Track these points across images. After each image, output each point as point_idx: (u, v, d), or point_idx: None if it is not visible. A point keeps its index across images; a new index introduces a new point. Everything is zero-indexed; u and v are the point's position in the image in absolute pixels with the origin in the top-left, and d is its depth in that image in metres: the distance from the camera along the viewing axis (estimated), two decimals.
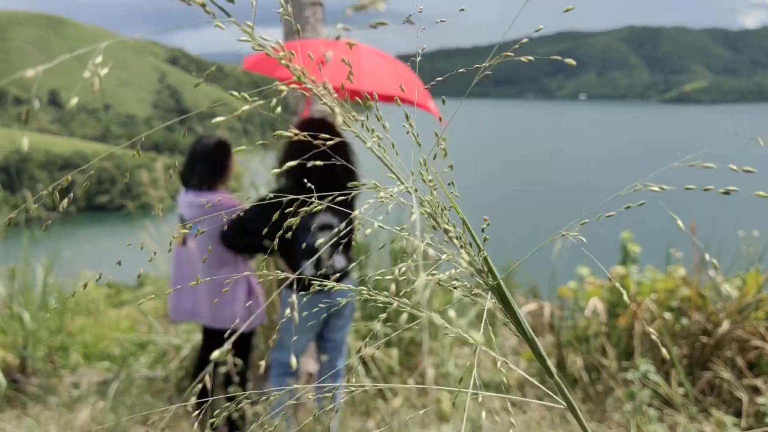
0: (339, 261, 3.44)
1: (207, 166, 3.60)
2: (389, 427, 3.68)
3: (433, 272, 0.80)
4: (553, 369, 0.79)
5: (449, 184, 0.79)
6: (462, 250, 0.77)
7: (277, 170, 0.76)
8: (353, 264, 0.81)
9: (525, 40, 0.77)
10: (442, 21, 0.80)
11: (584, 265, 4.87)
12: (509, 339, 4.89)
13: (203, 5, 0.67)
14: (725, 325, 3.80)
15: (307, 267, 3.39)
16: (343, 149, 3.26)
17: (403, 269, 0.72)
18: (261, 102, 0.71)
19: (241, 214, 2.95)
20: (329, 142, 0.78)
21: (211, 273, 3.53)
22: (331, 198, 0.77)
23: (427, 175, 0.78)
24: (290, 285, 3.48)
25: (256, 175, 5.37)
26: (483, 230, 0.81)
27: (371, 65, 3.33)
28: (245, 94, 0.72)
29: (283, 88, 0.72)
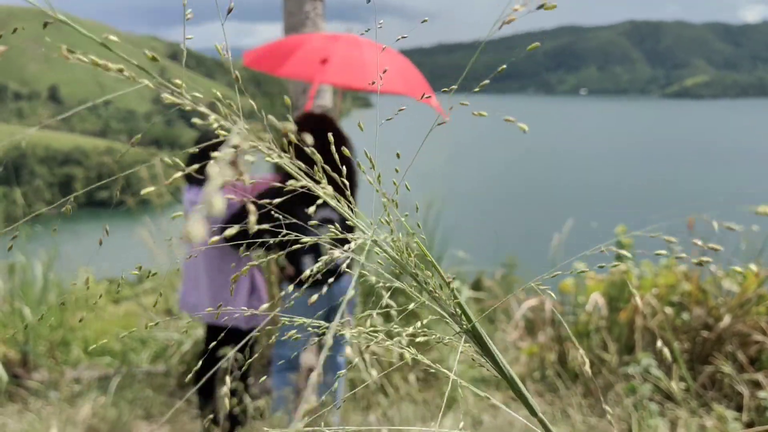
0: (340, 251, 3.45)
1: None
2: (390, 422, 3.68)
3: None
4: (537, 408, 0.77)
5: (417, 226, 0.77)
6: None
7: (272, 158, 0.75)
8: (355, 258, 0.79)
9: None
10: (424, 20, 0.78)
11: (580, 260, 4.87)
12: (510, 334, 4.89)
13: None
14: (726, 320, 3.80)
15: (308, 262, 3.39)
16: (341, 144, 3.27)
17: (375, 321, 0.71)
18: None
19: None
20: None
21: (213, 269, 3.53)
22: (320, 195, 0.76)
23: (389, 218, 0.75)
24: (291, 280, 3.48)
25: (255, 170, 5.37)
26: (449, 284, 0.78)
27: (374, 61, 3.33)
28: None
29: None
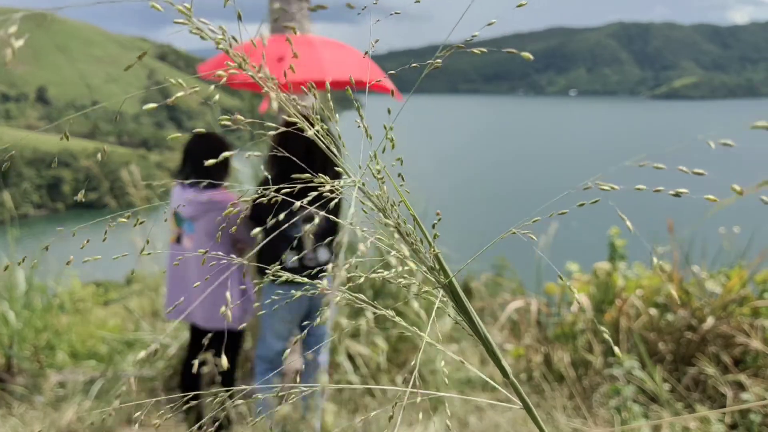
0: (322, 254, 3.45)
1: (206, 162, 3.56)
2: (377, 424, 3.68)
3: (379, 270, 0.79)
4: (508, 369, 0.78)
5: (398, 176, 0.77)
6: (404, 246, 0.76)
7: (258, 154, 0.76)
8: (337, 257, 0.80)
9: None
10: (396, 13, 0.79)
11: (573, 261, 4.90)
12: (495, 336, 4.90)
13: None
14: (710, 321, 3.82)
15: (288, 259, 3.39)
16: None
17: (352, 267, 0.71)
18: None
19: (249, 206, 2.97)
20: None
21: (204, 272, 3.52)
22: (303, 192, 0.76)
23: (375, 167, 0.76)
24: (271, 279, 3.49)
25: (239, 172, 5.37)
26: (434, 226, 0.79)
27: (331, 56, 3.34)
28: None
29: (221, 73, 0.71)
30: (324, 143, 0.73)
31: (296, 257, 3.39)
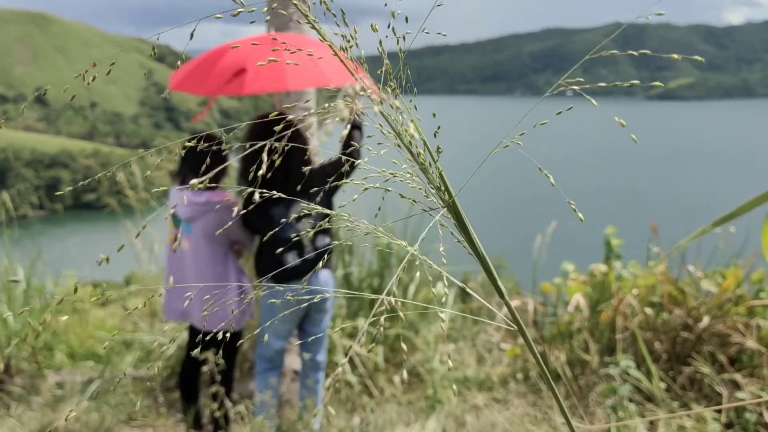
0: (322, 240, 3.47)
1: (204, 163, 3.55)
2: (375, 423, 3.69)
3: (389, 189, 0.83)
4: (504, 290, 0.83)
5: (414, 108, 0.82)
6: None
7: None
8: (334, 244, 0.83)
9: None
10: (390, 12, 0.81)
11: (569, 261, 4.91)
12: (493, 335, 4.92)
13: None
14: (705, 320, 3.84)
15: (289, 258, 3.42)
16: (297, 138, 3.34)
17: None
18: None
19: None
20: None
21: (203, 272, 3.53)
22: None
23: (392, 94, 0.80)
24: (274, 278, 3.50)
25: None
26: (435, 134, 0.84)
27: (325, 59, 3.33)
28: None
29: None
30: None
31: (294, 255, 3.41)
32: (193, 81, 3.46)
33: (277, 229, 0.86)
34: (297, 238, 0.94)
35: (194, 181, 0.72)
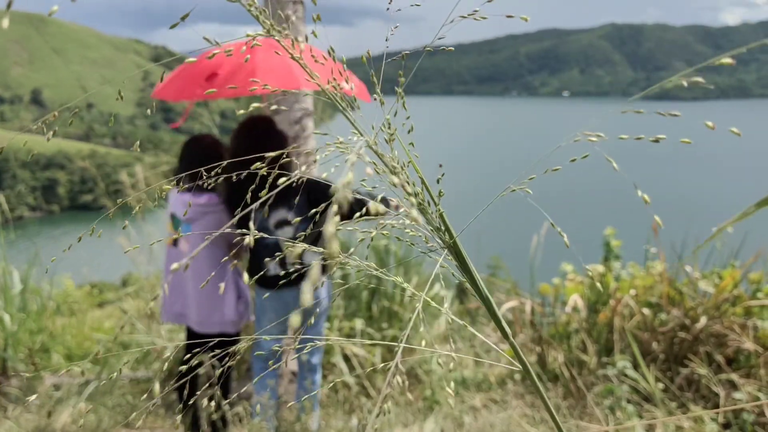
0: (308, 256, 3.46)
1: (203, 165, 3.54)
2: (372, 425, 3.69)
3: (384, 233, 0.82)
4: (508, 331, 0.82)
5: (409, 144, 0.80)
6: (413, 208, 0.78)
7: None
8: (326, 256, 0.81)
9: None
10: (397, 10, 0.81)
11: (568, 262, 4.92)
12: (490, 336, 4.92)
13: None
14: (702, 321, 3.84)
15: (271, 266, 3.41)
16: (282, 143, 3.34)
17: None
18: None
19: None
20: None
21: (201, 274, 3.52)
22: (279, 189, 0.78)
23: (387, 131, 0.79)
24: (257, 282, 3.51)
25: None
26: (438, 181, 0.82)
27: (270, 63, 3.34)
28: None
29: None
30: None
31: (277, 264, 3.40)
32: (171, 88, 3.53)
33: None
34: (278, 248, 0.93)
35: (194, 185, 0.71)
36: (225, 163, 0.89)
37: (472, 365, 4.61)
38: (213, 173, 0.82)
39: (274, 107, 3.72)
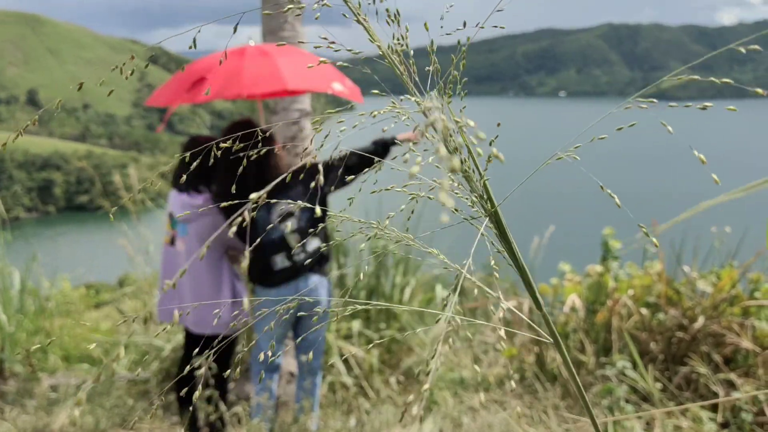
0: (312, 243, 3.45)
1: (202, 166, 3.54)
2: (371, 425, 3.69)
3: (431, 196, 0.82)
4: (541, 301, 0.83)
5: (461, 111, 0.81)
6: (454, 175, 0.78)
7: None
8: (329, 244, 0.82)
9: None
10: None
11: (566, 262, 4.91)
12: (490, 336, 4.92)
13: None
14: (700, 321, 3.85)
15: (278, 259, 3.41)
16: (269, 144, 3.39)
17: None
18: None
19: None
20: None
21: (196, 275, 3.51)
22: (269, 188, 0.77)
23: (440, 97, 0.79)
24: (260, 281, 3.49)
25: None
26: (491, 143, 0.82)
27: (289, 65, 3.37)
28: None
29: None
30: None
31: (284, 257, 3.40)
32: (163, 94, 3.58)
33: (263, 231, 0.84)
34: (284, 241, 0.93)
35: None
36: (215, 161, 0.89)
37: (470, 365, 4.61)
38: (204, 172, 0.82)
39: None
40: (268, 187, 0.60)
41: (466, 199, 0.81)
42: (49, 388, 4.43)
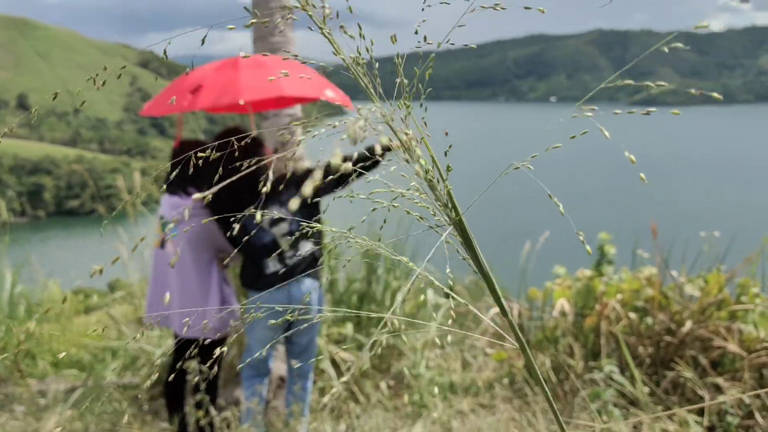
0: (305, 246, 3.46)
1: (195, 170, 3.53)
2: (361, 430, 3.69)
3: (396, 206, 0.83)
4: (507, 308, 0.84)
5: (423, 124, 0.82)
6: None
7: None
8: (321, 247, 0.84)
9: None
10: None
11: (562, 265, 4.93)
12: (479, 339, 4.93)
13: None
14: (688, 325, 3.88)
15: (270, 263, 3.43)
16: (259, 148, 3.44)
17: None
18: None
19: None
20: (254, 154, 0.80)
21: (184, 278, 3.51)
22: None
23: (402, 105, 0.81)
24: (252, 285, 3.50)
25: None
26: (446, 154, 0.84)
27: (250, 78, 3.41)
28: None
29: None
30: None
31: (276, 260, 3.41)
32: (159, 104, 3.61)
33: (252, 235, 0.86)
34: (276, 244, 0.95)
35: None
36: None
37: (459, 369, 4.62)
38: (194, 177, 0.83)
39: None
40: (262, 198, 0.62)
41: (428, 207, 0.83)
42: (38, 394, 4.41)
